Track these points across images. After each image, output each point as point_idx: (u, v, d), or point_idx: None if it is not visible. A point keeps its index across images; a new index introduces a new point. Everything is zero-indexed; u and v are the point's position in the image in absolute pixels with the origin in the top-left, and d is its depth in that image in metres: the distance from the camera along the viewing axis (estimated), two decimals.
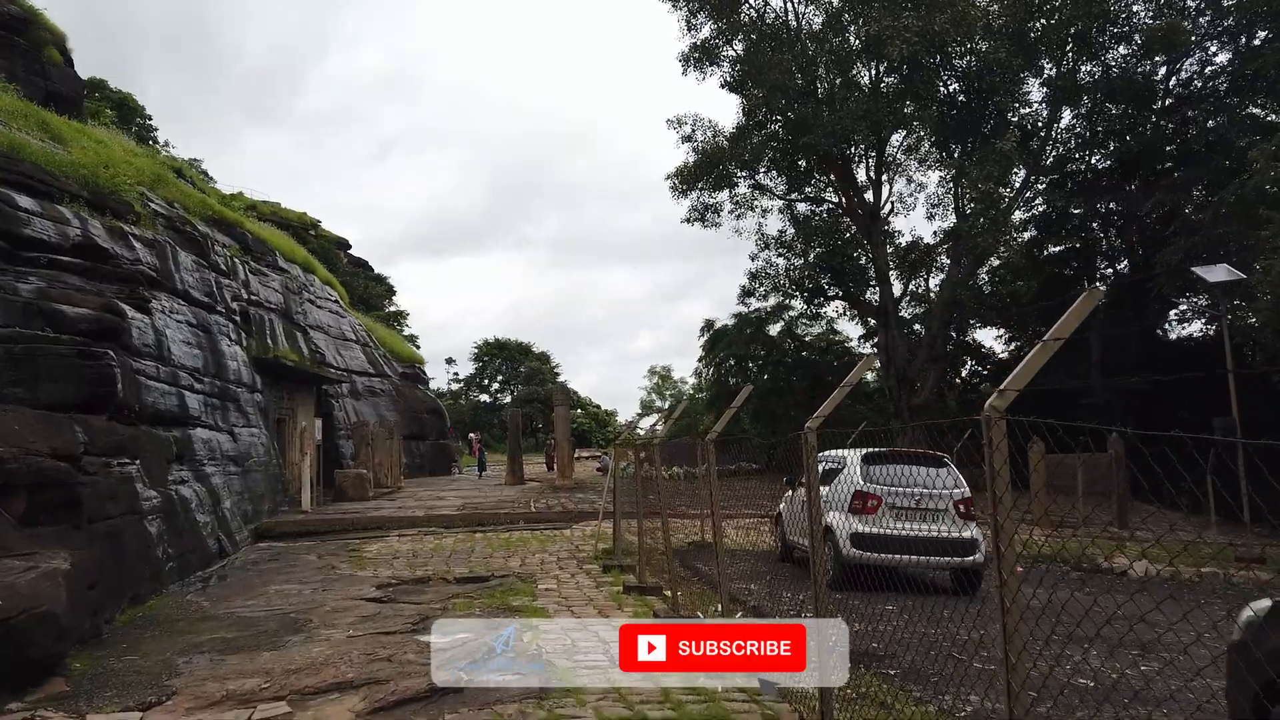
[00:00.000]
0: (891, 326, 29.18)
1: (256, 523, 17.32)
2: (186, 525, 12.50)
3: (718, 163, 30.25)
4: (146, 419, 13.31)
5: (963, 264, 27.51)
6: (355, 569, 12.17)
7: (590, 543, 14.93)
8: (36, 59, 26.79)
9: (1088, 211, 27.58)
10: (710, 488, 7.25)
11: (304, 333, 28.30)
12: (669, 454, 30.42)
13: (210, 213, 23.83)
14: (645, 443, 13.87)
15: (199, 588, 11.04)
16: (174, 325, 15.85)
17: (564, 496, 23.60)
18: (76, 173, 15.94)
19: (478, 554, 13.70)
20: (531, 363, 74.92)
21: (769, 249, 31.96)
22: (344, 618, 8.26)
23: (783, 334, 36.21)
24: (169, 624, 8.18)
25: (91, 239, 14.14)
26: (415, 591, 10.04)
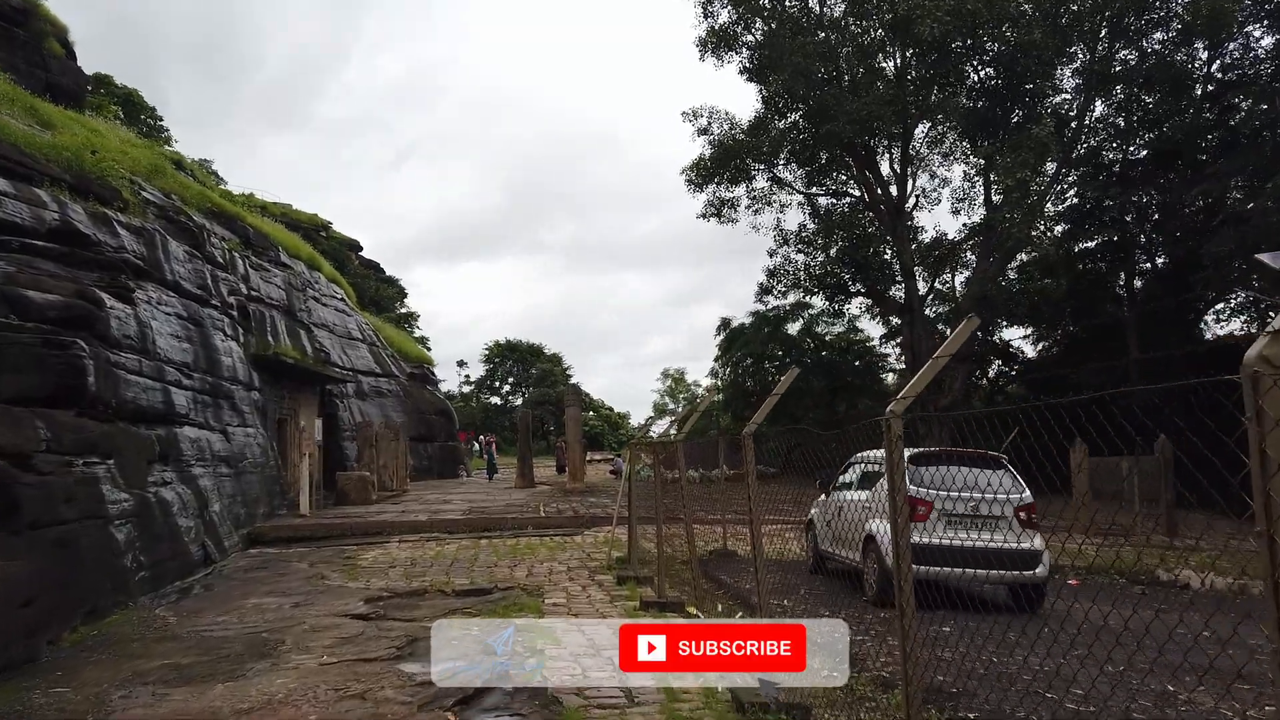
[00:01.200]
0: (917, 324, 27.98)
1: (250, 527, 16.34)
2: (166, 531, 11.51)
3: (735, 155, 29.18)
4: (126, 415, 12.36)
5: (992, 259, 26.28)
6: (346, 579, 11.15)
7: (603, 550, 13.86)
8: (37, 51, 26.07)
9: (1123, 204, 26.28)
10: (749, 488, 6.20)
11: (308, 330, 27.37)
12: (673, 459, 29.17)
13: (209, 205, 22.94)
14: (666, 442, 12.79)
15: (174, 599, 10.04)
16: (161, 317, 14.91)
17: (575, 500, 22.53)
18: (59, 156, 15.05)
19: (481, 562, 12.66)
20: (543, 364, 73.91)
21: (788, 245, 30.83)
22: (321, 639, 7.22)
23: (802, 333, 35.01)
24: (123, 645, 7.17)
25: (71, 224, 13.23)
26: (408, 606, 9.00)
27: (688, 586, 10.38)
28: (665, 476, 12.05)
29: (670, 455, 10.60)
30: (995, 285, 25.77)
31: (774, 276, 31.90)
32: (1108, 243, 28.02)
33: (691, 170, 29.44)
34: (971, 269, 30.36)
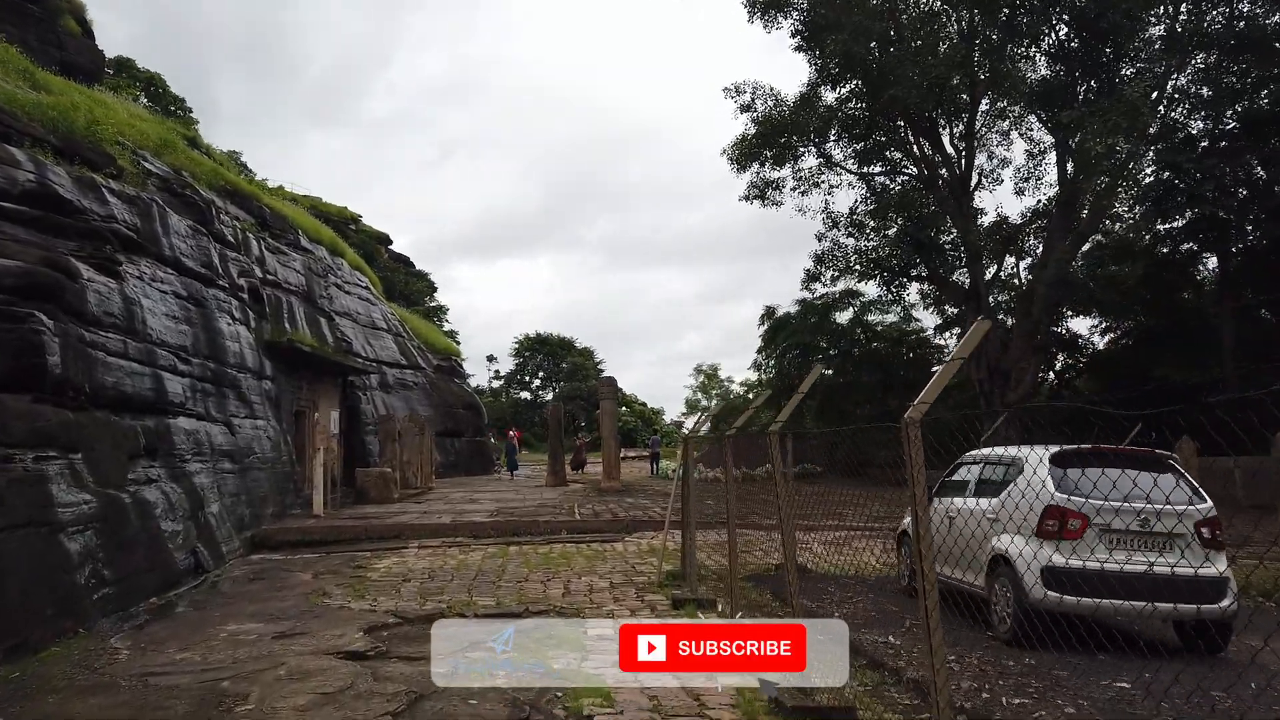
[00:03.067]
0: (984, 311, 25.74)
1: (255, 529, 14.76)
2: (143, 537, 9.86)
3: (780, 132, 27.11)
4: (105, 403, 10.76)
5: (1069, 239, 23.97)
6: (350, 597, 9.42)
7: (649, 562, 12.02)
8: (51, 28, 24.83)
9: (1219, 180, 23.76)
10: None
11: (329, 319, 25.85)
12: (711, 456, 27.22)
13: (223, 183, 21.44)
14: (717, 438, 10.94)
15: (140, 623, 8.37)
16: (155, 295, 13.33)
17: (612, 501, 20.71)
18: (44, 115, 13.54)
19: (510, 576, 10.88)
20: (574, 358, 72.19)
21: (837, 228, 28.68)
22: (296, 695, 5.45)
23: (852, 323, 32.78)
24: (34, 698, 5.47)
25: (49, 186, 11.68)
26: (418, 638, 7.22)
27: (760, 612, 8.51)
28: (706, 476, 10.46)
29: (715, 453, 9.13)
30: (1074, 269, 23.42)
31: (821, 262, 29.77)
32: (1196, 221, 25.44)
33: (734, 148, 27.42)
34: (1034, 255, 28.04)
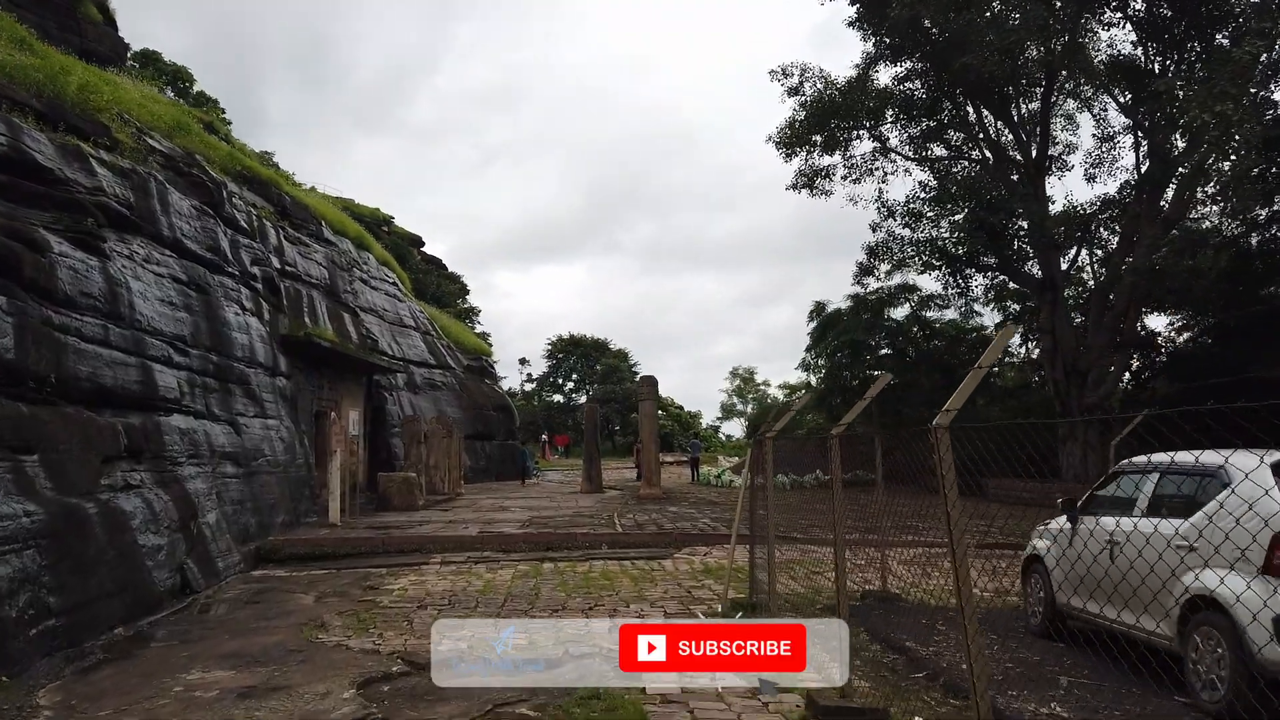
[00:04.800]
0: (1060, 305, 23.57)
1: (261, 541, 13.25)
2: (109, 555, 8.32)
3: (831, 115, 25.20)
4: (78, 396, 9.30)
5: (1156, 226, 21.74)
6: (350, 630, 7.79)
7: (706, 584, 10.26)
8: (71, 15, 23.83)
9: None
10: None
11: (353, 314, 24.48)
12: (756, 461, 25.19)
13: (239, 168, 20.15)
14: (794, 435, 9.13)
15: (91, 663, 6.81)
16: (147, 277, 11.89)
17: (654, 510, 18.96)
18: (26, 78, 12.18)
19: (544, 601, 9.19)
20: (608, 360, 70.48)
21: (892, 217, 26.63)
22: None
23: (909, 319, 30.67)
24: None
25: (24, 151, 10.29)
26: (428, 695, 5.53)
27: (858, 661, 6.72)
28: (757, 482, 9.03)
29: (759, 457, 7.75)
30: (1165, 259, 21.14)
31: (875, 255, 27.73)
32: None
33: (785, 130, 25.55)
34: (1108, 246, 25.76)
